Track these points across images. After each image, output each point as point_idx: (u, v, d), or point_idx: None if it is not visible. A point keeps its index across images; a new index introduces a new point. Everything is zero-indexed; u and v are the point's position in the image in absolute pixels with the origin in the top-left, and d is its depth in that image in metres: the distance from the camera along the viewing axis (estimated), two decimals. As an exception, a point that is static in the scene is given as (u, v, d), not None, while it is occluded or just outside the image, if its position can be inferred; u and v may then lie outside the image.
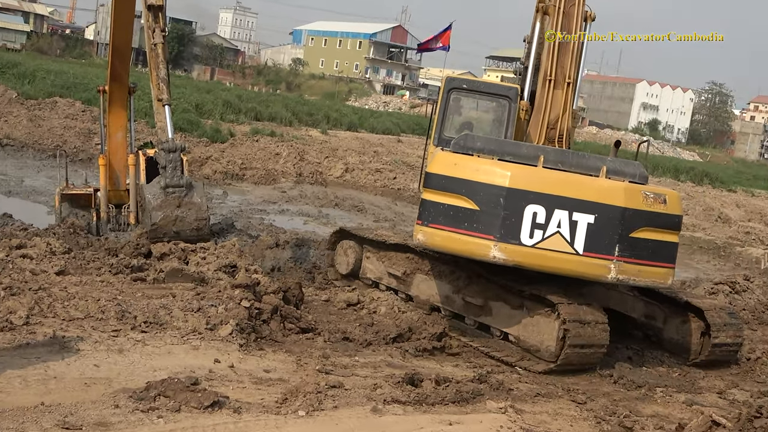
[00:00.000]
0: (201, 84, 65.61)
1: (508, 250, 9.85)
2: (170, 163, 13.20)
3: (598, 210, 9.94)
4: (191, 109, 39.37)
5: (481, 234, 9.93)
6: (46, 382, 6.92)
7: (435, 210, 10.25)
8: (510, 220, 9.86)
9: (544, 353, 10.27)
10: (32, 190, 21.00)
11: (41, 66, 48.27)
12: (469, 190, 10.06)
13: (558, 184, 10.02)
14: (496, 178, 10.02)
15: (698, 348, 11.56)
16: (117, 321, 8.73)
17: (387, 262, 12.85)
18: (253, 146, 32.04)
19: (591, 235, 9.88)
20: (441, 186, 10.27)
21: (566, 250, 9.88)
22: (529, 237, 9.84)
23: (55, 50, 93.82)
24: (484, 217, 9.94)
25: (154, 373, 7.48)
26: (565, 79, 12.00)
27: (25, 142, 28.57)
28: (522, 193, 9.91)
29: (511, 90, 12.15)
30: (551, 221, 9.84)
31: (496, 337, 11.01)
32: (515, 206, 9.87)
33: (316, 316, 10.77)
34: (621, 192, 10.12)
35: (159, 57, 13.81)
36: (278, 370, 8.32)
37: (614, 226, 9.97)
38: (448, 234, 10.12)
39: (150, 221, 13.04)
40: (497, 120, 12.30)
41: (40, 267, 10.64)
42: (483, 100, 12.61)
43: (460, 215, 10.05)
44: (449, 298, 11.76)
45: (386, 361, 9.44)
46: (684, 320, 11.73)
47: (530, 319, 10.54)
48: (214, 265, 11.76)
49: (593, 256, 9.93)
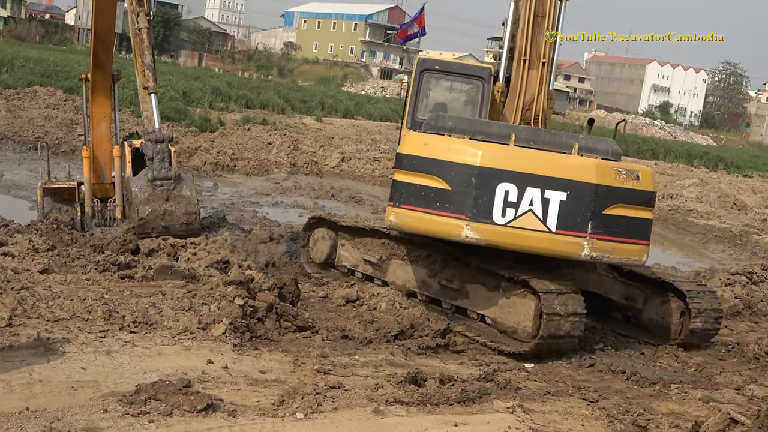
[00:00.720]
0: (188, 70, 65.52)
1: (481, 230, 10.12)
2: (157, 155, 13.19)
3: (570, 187, 10.17)
4: (178, 97, 39.33)
5: (452, 214, 10.21)
6: (30, 386, 6.92)
7: (406, 191, 10.53)
8: (482, 199, 10.12)
9: (521, 333, 10.59)
10: (12, 184, 20.99)
11: (20, 53, 48.21)
12: (440, 170, 10.32)
13: (529, 161, 10.27)
14: (467, 157, 10.28)
15: (678, 328, 11.90)
16: (104, 321, 8.73)
17: (362, 249, 13.11)
18: (244, 135, 32.01)
19: (563, 212, 10.14)
20: (412, 166, 10.55)
21: (539, 228, 10.13)
22: (501, 216, 10.11)
23: (34, 36, 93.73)
24: (455, 197, 10.21)
25: (144, 376, 7.48)
26: (540, 59, 12.21)
27: (4, 134, 28.52)
28: (493, 171, 10.17)
29: (485, 70, 12.42)
30: (523, 199, 10.10)
31: (473, 320, 11.32)
32: (486, 185, 10.13)
33: (313, 314, 10.78)
34: (593, 168, 10.36)
35: (144, 43, 13.79)
36: (274, 371, 8.33)
37: (587, 203, 10.21)
38: (420, 215, 10.40)
39: (137, 216, 13.03)
40: (471, 101, 12.58)
41: (22, 265, 10.64)
42: (456, 81, 12.90)
43: (431, 195, 10.33)
44: (425, 283, 12.03)
45: (388, 360, 9.44)
46: (664, 300, 12.05)
47: (506, 300, 10.87)
48: (205, 261, 11.76)
49: (566, 233, 10.18)
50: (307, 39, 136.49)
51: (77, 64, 43.18)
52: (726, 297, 14.62)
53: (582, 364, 10.45)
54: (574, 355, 10.74)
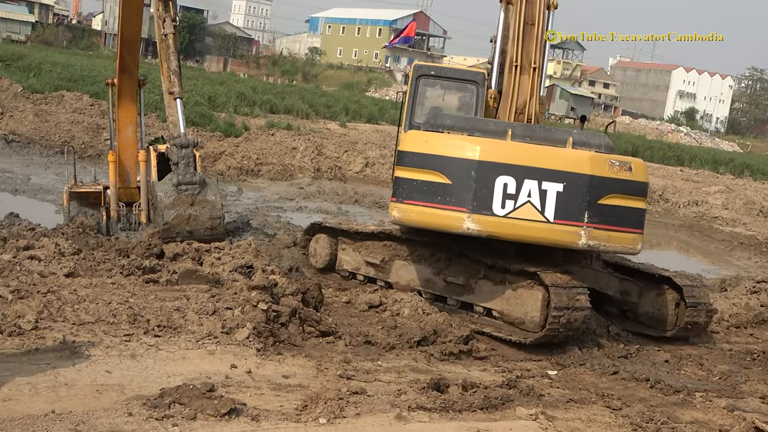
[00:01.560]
0: (213, 75, 65.88)
1: (482, 221, 10.55)
2: (182, 160, 13.28)
3: (567, 178, 10.62)
4: (203, 102, 39.54)
5: (454, 207, 10.65)
6: (56, 389, 6.98)
7: (409, 186, 10.99)
8: (482, 192, 10.55)
9: (529, 324, 10.95)
10: (39, 188, 21.15)
11: (47, 58, 48.62)
12: (440, 165, 10.78)
13: (526, 155, 10.74)
14: (467, 152, 10.74)
15: (673, 319, 12.21)
16: (129, 325, 8.79)
17: (364, 252, 13.38)
18: (268, 140, 32.09)
19: (561, 203, 10.59)
20: (413, 163, 11.01)
21: (537, 218, 10.58)
22: (501, 207, 10.54)
23: (61, 41, 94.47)
24: (456, 191, 10.65)
25: (169, 380, 7.52)
26: (531, 65, 12.67)
27: (32, 138, 28.76)
28: (492, 165, 10.61)
29: (479, 75, 13.04)
30: (521, 191, 10.54)
31: (479, 315, 11.61)
32: (486, 178, 10.56)
33: (336, 319, 10.79)
34: (587, 160, 10.82)
35: (170, 48, 13.89)
36: (297, 376, 8.35)
37: (582, 193, 10.67)
38: (422, 209, 10.86)
39: (162, 220, 13.11)
40: (466, 105, 13.06)
41: (48, 269, 10.73)
42: (451, 85, 13.40)
43: (433, 190, 10.77)
44: (430, 281, 12.36)
45: (410, 366, 9.44)
46: (658, 293, 12.39)
47: (513, 292, 11.22)
48: (229, 265, 11.81)
49: (564, 223, 10.64)
50: (332, 44, 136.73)
51: (103, 69, 43.51)
52: (752, 305, 14.52)
53: (605, 372, 10.40)
54: (597, 363, 10.69)
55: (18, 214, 16.02)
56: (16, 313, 8.43)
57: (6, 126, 29.74)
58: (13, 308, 8.57)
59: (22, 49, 60.04)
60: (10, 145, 27.67)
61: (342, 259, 13.85)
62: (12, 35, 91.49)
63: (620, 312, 12.65)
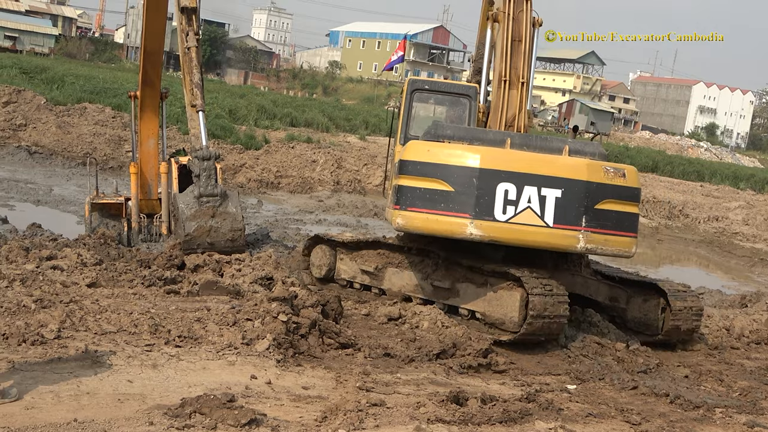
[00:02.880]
0: (234, 88, 66.17)
1: (484, 227, 10.94)
2: (204, 172, 13.35)
3: (565, 185, 11.08)
4: (224, 115, 39.74)
5: (457, 213, 11.01)
6: (78, 397, 7.02)
7: (411, 194, 11.28)
8: (483, 198, 10.95)
9: (509, 324, 11.30)
10: (61, 199, 21.29)
11: (70, 71, 49.04)
12: (443, 174, 11.14)
13: (526, 162, 11.15)
14: (468, 160, 11.13)
15: (660, 323, 12.49)
16: (150, 335, 8.83)
17: (359, 261, 13.71)
18: (288, 153, 32.19)
19: (559, 208, 11.03)
20: (416, 171, 11.32)
21: (537, 223, 11.01)
22: (503, 213, 10.95)
23: (84, 54, 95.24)
24: (459, 197, 11.02)
25: (189, 390, 7.55)
26: (519, 80, 13.07)
27: (54, 150, 28.97)
28: (493, 172, 11.02)
29: (471, 89, 13.59)
30: (522, 197, 10.97)
31: (464, 317, 11.93)
32: (487, 185, 10.96)
33: (356, 331, 10.80)
34: (584, 167, 11.29)
35: (192, 61, 13.98)
36: (317, 387, 8.36)
37: (580, 198, 11.12)
38: (426, 215, 11.17)
39: (183, 232, 13.18)
40: (459, 118, 13.48)
41: (71, 279, 10.81)
42: (445, 99, 13.86)
43: (436, 197, 11.12)
44: (419, 286, 12.75)
45: (430, 379, 9.43)
46: (645, 299, 12.72)
47: (494, 294, 11.58)
48: (249, 277, 11.86)
49: (563, 227, 11.08)
50: (352, 58, 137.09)
51: (125, 82, 43.80)
52: (772, 321, 14.43)
53: (625, 387, 10.36)
54: (617, 378, 10.66)
55: (40, 225, 16.14)
56: (39, 323, 8.50)
57: (29, 137, 29.98)
58: (36, 317, 8.64)
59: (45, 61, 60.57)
60: (33, 157, 27.89)
61: (340, 268, 14.15)
62: (36, 48, 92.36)
63: (609, 318, 12.87)
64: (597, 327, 12.39)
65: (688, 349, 12.74)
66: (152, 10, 15.07)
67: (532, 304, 10.92)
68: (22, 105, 32.75)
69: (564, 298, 11.21)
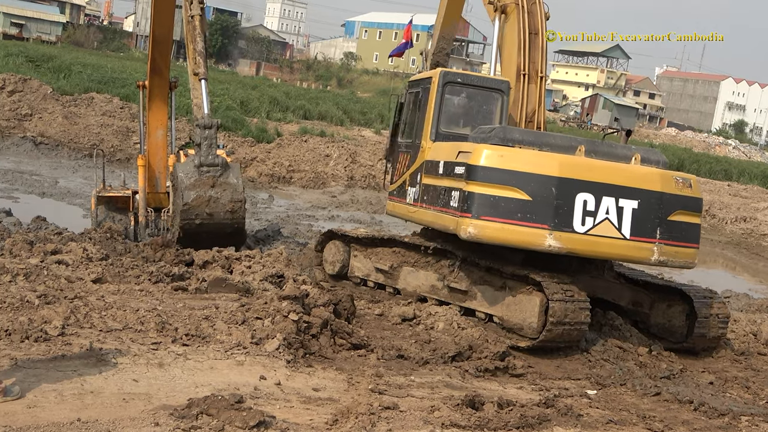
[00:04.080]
0: (246, 79, 66.26)
1: (563, 238, 10.85)
2: (205, 141, 13.33)
3: (641, 195, 11.12)
4: (236, 107, 39.81)
5: (535, 224, 10.83)
6: (82, 396, 7.04)
7: (486, 202, 10.97)
8: (563, 209, 10.84)
9: (527, 330, 11.21)
10: (67, 191, 21.40)
11: (77, 59, 49.23)
12: (519, 181, 10.89)
13: (603, 171, 11.15)
14: (546, 168, 10.94)
15: (685, 330, 12.37)
16: (157, 333, 8.85)
17: (374, 258, 13.74)
18: (301, 147, 32.25)
19: (636, 220, 11.06)
20: (489, 178, 11.01)
21: (615, 235, 11.01)
22: (581, 224, 10.90)
23: (92, 43, 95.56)
24: (537, 207, 10.83)
25: (196, 390, 7.56)
26: (538, 74, 13.36)
27: (60, 141, 29.11)
28: (572, 181, 10.93)
29: (504, 83, 13.28)
30: (600, 208, 10.94)
31: (480, 321, 11.86)
32: (566, 195, 10.86)
33: (368, 332, 10.80)
34: (658, 177, 11.38)
35: (196, 29, 14.04)
36: (328, 389, 8.36)
37: (655, 210, 11.19)
38: (502, 225, 10.91)
39: (182, 201, 13.15)
40: (490, 113, 13.26)
41: (76, 274, 10.84)
42: (476, 93, 13.49)
43: (512, 206, 10.87)
44: (435, 287, 12.71)
45: (444, 382, 9.42)
46: (669, 304, 12.64)
47: (513, 298, 11.52)
48: (259, 274, 11.87)
49: (639, 240, 11.12)
50: (368, 49, 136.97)
51: (134, 71, 43.94)
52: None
53: (647, 393, 10.32)
54: (639, 383, 10.63)
55: (45, 218, 16.22)
56: (43, 319, 8.53)
57: (35, 128, 30.12)
58: (40, 313, 8.67)
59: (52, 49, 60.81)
60: (38, 148, 28.04)
61: (354, 265, 14.20)
62: (42, 36, 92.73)
63: (632, 323, 12.79)
64: (619, 330, 12.32)
65: (714, 355, 12.66)
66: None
67: (552, 310, 10.84)
68: (28, 94, 32.93)
69: (585, 305, 11.12)
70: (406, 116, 14.05)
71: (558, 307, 10.81)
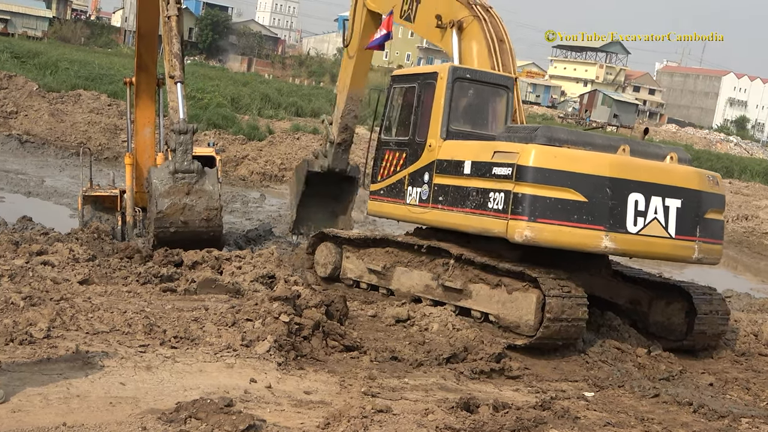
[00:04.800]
0: (237, 76, 66.23)
1: (618, 239, 11.11)
2: (180, 146, 13.27)
3: (684, 194, 11.50)
4: (226, 104, 39.82)
5: (591, 225, 11.03)
6: (68, 400, 7.03)
7: (541, 204, 11.03)
8: (617, 210, 11.08)
9: (524, 328, 11.28)
10: (54, 191, 21.38)
11: (64, 55, 49.17)
12: (574, 182, 11.01)
13: (650, 171, 11.47)
14: (599, 168, 11.14)
15: (684, 328, 12.49)
16: (145, 335, 8.85)
17: (367, 259, 13.77)
18: (293, 145, 32.24)
19: (680, 218, 11.44)
20: (543, 179, 11.06)
21: (662, 234, 11.36)
22: (633, 225, 11.17)
23: (79, 38, 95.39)
24: (593, 208, 11.02)
25: (185, 393, 7.56)
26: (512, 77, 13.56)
27: (47, 139, 29.09)
28: (624, 182, 11.17)
29: (510, 79, 13.46)
30: (650, 208, 11.25)
31: (476, 320, 11.91)
32: (620, 195, 11.11)
33: (361, 333, 10.80)
34: (696, 176, 11.87)
35: (172, 30, 13.98)
36: (320, 392, 8.37)
37: (695, 208, 11.61)
38: (558, 228, 11.02)
39: (156, 209, 13.12)
40: (497, 110, 13.38)
41: (62, 275, 10.84)
42: (484, 89, 13.48)
43: (568, 208, 10.99)
44: (429, 287, 12.76)
45: (439, 384, 9.44)
46: (668, 301, 12.79)
47: (509, 296, 11.57)
48: (250, 275, 11.87)
49: (682, 238, 11.54)
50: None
51: (122, 68, 43.89)
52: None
53: (646, 395, 10.34)
54: (637, 385, 10.65)
55: (31, 218, 16.21)
56: (28, 321, 8.52)
57: (20, 126, 30.10)
58: (25, 316, 8.65)
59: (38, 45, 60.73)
60: (24, 146, 28.00)
61: (346, 267, 14.22)
62: (28, 31, 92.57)
63: (630, 322, 12.85)
64: (617, 331, 12.35)
65: (714, 356, 12.71)
66: None
67: (549, 307, 10.89)
68: (13, 91, 32.91)
69: (583, 301, 11.18)
70: (394, 112, 13.99)
71: (555, 303, 10.87)
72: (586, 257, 12.03)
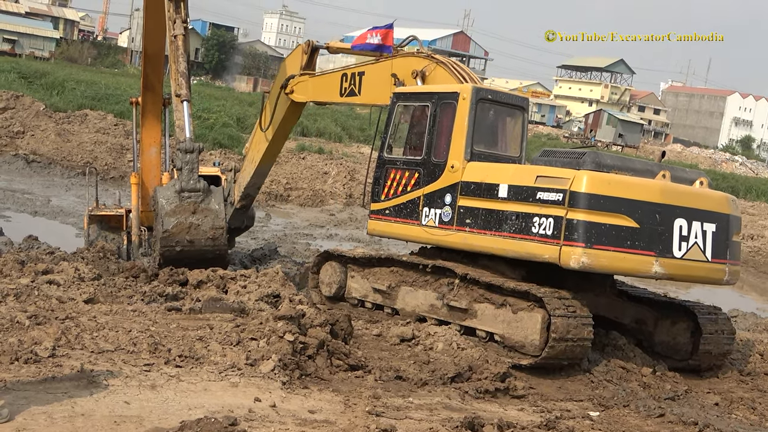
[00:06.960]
0: (243, 95, 66.39)
1: (666, 264, 11.32)
2: (186, 165, 13.29)
3: (717, 219, 11.87)
4: (232, 123, 39.87)
5: (643, 251, 11.20)
6: (72, 419, 7.03)
7: (597, 231, 11.07)
8: (665, 235, 11.33)
9: (529, 348, 11.31)
10: (60, 210, 21.43)
11: (71, 76, 49.29)
12: (627, 208, 11.16)
13: (691, 197, 11.86)
14: (649, 195, 11.38)
15: (690, 347, 12.59)
16: (150, 354, 8.85)
17: (371, 278, 13.74)
18: (299, 164, 32.30)
19: (714, 242, 11.76)
20: (598, 206, 11.09)
21: (701, 258, 11.67)
22: (678, 249, 11.42)
23: (86, 59, 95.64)
24: (644, 234, 11.19)
25: (189, 412, 7.55)
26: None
27: (53, 159, 29.16)
28: (671, 207, 11.43)
29: (525, 100, 13.81)
30: (691, 232, 11.54)
31: (481, 340, 11.92)
32: (667, 221, 11.37)
33: (366, 352, 10.80)
34: (726, 201, 12.28)
35: (179, 49, 14.01)
36: (324, 411, 8.35)
37: (725, 232, 11.98)
38: (613, 254, 11.11)
39: (162, 228, 13.13)
40: (515, 131, 13.44)
41: (67, 294, 10.84)
42: (503, 110, 13.43)
43: (622, 234, 11.12)
44: (434, 306, 12.74)
45: (443, 403, 9.42)
46: (674, 321, 12.88)
47: (514, 315, 11.58)
48: (255, 294, 11.86)
49: (717, 261, 11.87)
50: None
51: (129, 88, 44.01)
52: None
53: (651, 414, 10.31)
54: (643, 405, 10.62)
55: (37, 237, 16.24)
56: (33, 340, 8.53)
57: (27, 146, 30.18)
58: (30, 334, 8.66)
59: (45, 66, 60.95)
60: (30, 166, 28.08)
61: (351, 286, 14.18)
62: (35, 51, 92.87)
63: (636, 342, 12.84)
64: (622, 350, 12.34)
65: (719, 375, 12.68)
66: (152, 10, 15.15)
67: (554, 326, 10.89)
68: (21, 111, 33.01)
69: (588, 320, 11.19)
70: (399, 130, 13.73)
71: (560, 323, 10.87)
72: (584, 276, 11.86)
